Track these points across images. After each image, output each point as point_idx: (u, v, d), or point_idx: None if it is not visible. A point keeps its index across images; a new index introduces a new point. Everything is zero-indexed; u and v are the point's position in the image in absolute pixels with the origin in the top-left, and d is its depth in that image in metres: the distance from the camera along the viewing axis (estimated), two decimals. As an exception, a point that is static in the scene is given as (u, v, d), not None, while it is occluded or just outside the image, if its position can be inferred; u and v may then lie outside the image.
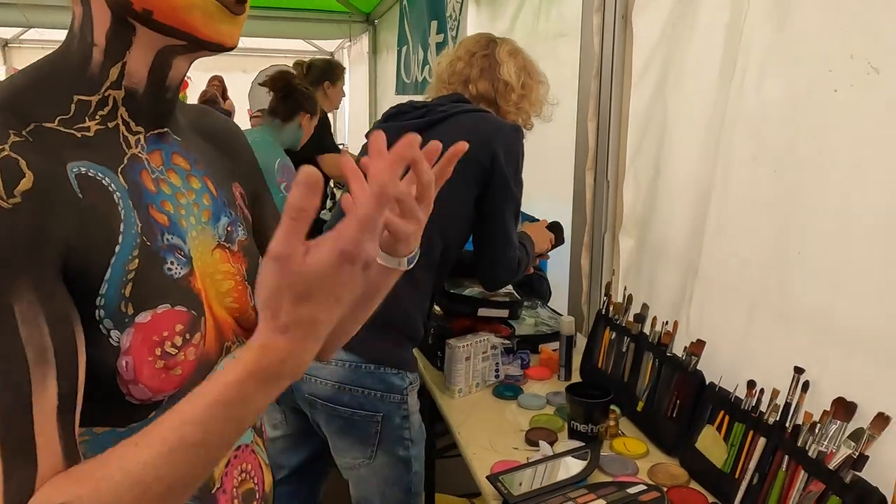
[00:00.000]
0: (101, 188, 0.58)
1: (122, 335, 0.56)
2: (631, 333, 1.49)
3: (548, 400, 1.54)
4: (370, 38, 6.18)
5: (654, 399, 1.38)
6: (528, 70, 1.59)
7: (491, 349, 1.59)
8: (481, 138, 1.41)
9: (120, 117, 0.61)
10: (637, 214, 1.82)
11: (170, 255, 0.62)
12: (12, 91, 0.57)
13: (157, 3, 0.56)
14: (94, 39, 0.59)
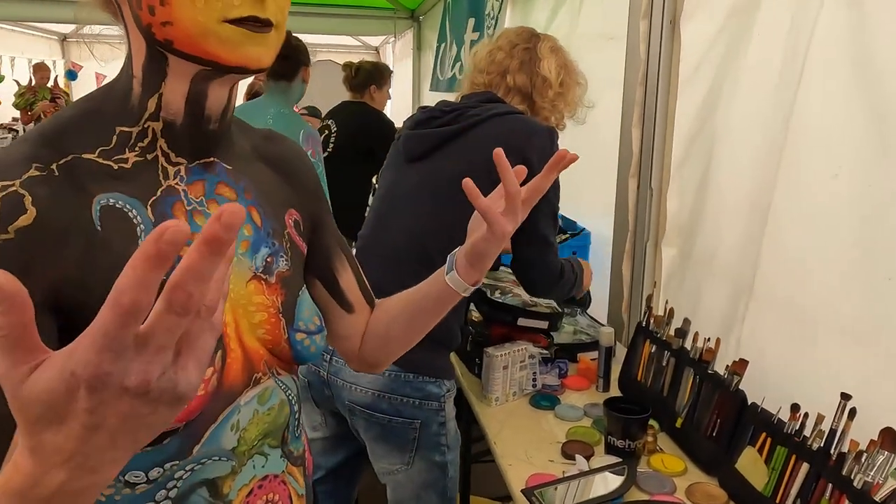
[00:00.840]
0: (126, 220, 0.59)
1: None
2: (672, 348, 1.47)
3: (585, 412, 1.53)
4: (415, 34, 6.20)
5: (693, 416, 1.36)
6: (568, 69, 1.57)
7: (529, 358, 1.59)
8: (514, 143, 1.38)
9: (160, 148, 0.62)
10: (681, 224, 1.80)
11: None
12: (59, 123, 0.60)
13: (174, 32, 0.56)
14: (134, 71, 0.61)
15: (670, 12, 1.78)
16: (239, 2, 0.56)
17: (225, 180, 0.68)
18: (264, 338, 0.69)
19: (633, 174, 1.95)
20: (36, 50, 9.65)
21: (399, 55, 7.36)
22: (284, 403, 0.72)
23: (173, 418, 0.38)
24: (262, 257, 0.69)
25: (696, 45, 1.71)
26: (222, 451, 0.65)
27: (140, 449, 0.39)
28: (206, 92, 0.61)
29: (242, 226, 0.65)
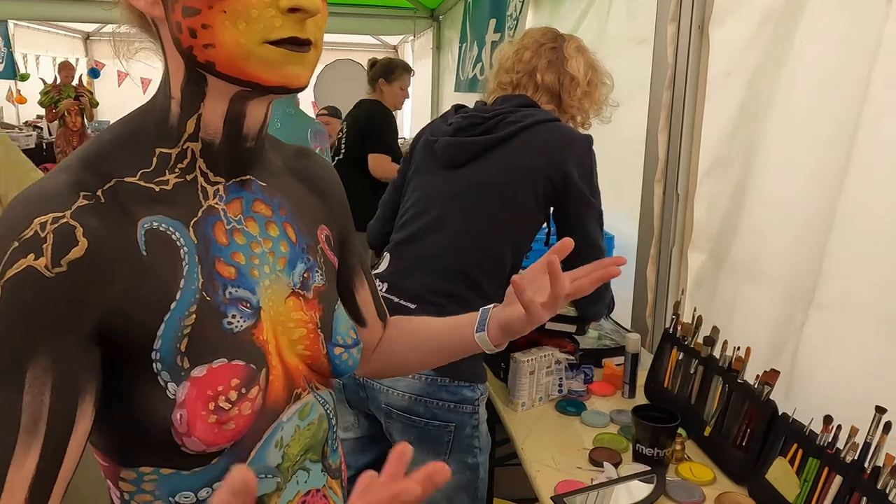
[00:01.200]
0: (169, 243, 0.59)
1: (178, 388, 0.57)
2: (700, 356, 1.46)
3: (611, 418, 1.53)
4: (434, 33, 6.20)
5: (722, 425, 1.36)
6: (595, 68, 1.57)
7: (555, 364, 1.60)
8: (554, 155, 1.42)
9: (198, 169, 0.62)
10: (712, 230, 1.78)
11: (232, 308, 0.62)
12: (98, 148, 0.60)
13: (216, 55, 0.56)
14: (172, 93, 0.61)
15: (699, 17, 1.77)
16: (280, 23, 0.55)
17: (261, 197, 0.68)
18: (303, 353, 0.69)
19: (658, 179, 1.94)
20: (60, 48, 9.78)
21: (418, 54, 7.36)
22: (323, 418, 0.73)
23: None
24: (299, 273, 0.70)
25: (726, 50, 1.70)
26: (268, 468, 0.66)
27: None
28: (244, 111, 0.61)
29: (279, 242, 0.68)
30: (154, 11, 0.58)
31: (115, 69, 10.54)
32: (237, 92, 0.59)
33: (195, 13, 0.55)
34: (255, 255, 0.65)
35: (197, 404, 0.57)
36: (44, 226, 0.52)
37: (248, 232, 0.65)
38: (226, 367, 0.60)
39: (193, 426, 0.57)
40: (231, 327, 0.62)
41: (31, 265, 0.51)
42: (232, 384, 0.59)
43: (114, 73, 10.52)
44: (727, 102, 1.73)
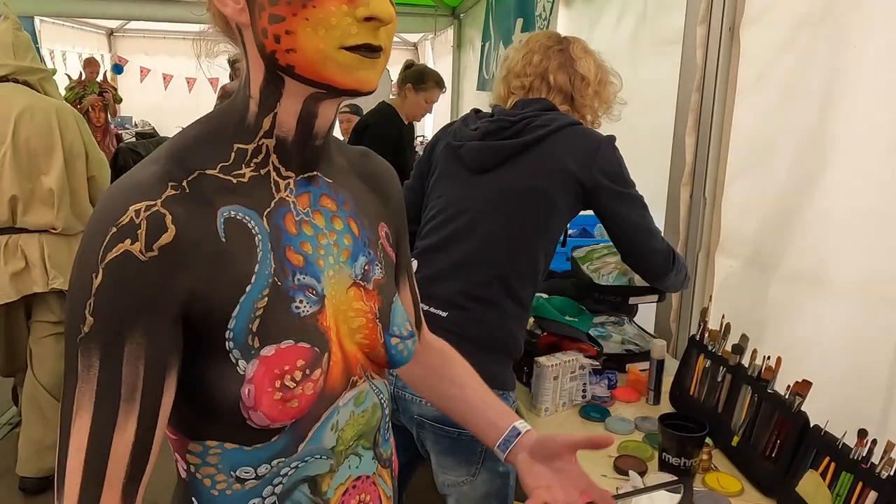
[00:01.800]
0: (246, 231, 0.64)
1: (247, 365, 0.61)
2: (728, 364, 1.44)
3: (636, 425, 1.52)
4: (455, 31, 6.19)
5: (751, 435, 1.34)
6: (602, 68, 1.58)
7: (580, 369, 1.58)
8: (582, 158, 1.42)
9: (272, 164, 0.67)
10: (744, 234, 1.75)
11: (300, 294, 0.66)
12: (183, 141, 0.65)
13: (297, 59, 0.61)
14: (251, 92, 0.65)
15: (729, 18, 1.74)
16: (356, 31, 0.60)
17: (327, 192, 0.72)
18: (362, 342, 0.72)
19: (685, 182, 1.92)
20: (85, 44, 9.88)
21: (438, 52, 7.36)
22: (377, 406, 0.75)
23: None
24: (361, 265, 0.74)
25: (758, 53, 1.67)
26: (323, 449, 0.69)
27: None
28: (316, 111, 0.66)
29: (343, 235, 0.72)
30: (240, 18, 0.63)
31: (138, 65, 10.68)
32: (311, 93, 0.64)
33: (280, 20, 0.60)
34: (321, 245, 0.70)
35: (264, 381, 0.61)
36: (138, 213, 0.57)
37: (315, 224, 0.70)
38: (292, 348, 0.63)
39: (260, 401, 0.61)
40: (298, 311, 0.66)
41: (128, 249, 0.56)
42: (297, 364, 0.63)
43: (137, 68, 10.66)
44: (758, 105, 1.70)
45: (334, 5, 0.59)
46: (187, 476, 0.67)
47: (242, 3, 0.62)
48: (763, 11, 1.67)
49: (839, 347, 1.42)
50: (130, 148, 3.08)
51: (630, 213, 1.46)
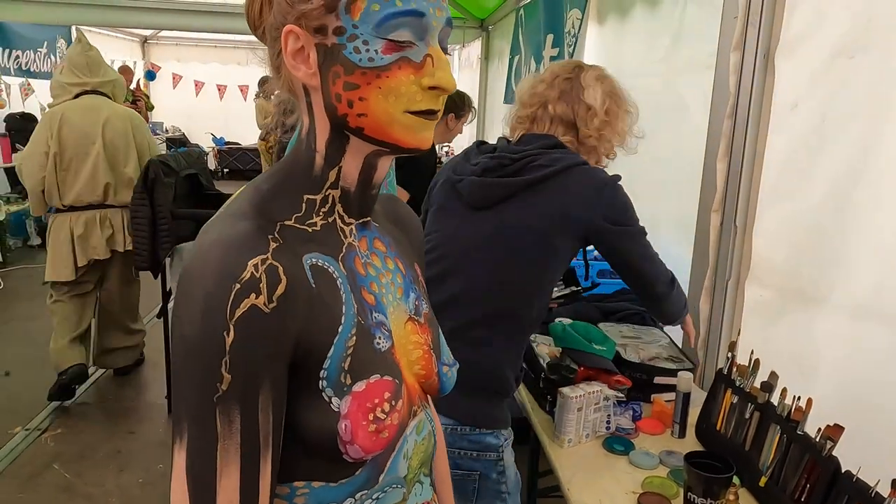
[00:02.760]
0: (328, 276, 0.68)
1: (341, 402, 0.65)
2: (756, 401, 1.41)
3: (661, 460, 1.49)
4: (483, 44, 6.19)
5: (779, 476, 1.30)
6: (615, 97, 1.51)
7: (604, 400, 1.56)
8: (585, 202, 1.39)
9: (337, 212, 0.71)
10: (777, 264, 1.71)
11: (378, 331, 0.71)
12: (261, 196, 0.68)
13: (367, 122, 0.66)
14: (317, 147, 0.69)
15: (764, 45, 1.71)
16: (420, 98, 0.65)
17: (378, 236, 0.77)
18: (419, 373, 0.77)
19: (716, 208, 1.89)
20: (119, 51, 10.10)
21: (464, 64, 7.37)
22: (431, 434, 0.79)
23: None
24: (412, 301, 0.79)
25: (793, 80, 1.64)
26: (398, 478, 0.73)
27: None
28: (376, 165, 0.71)
29: (396, 274, 0.78)
30: (312, 82, 0.67)
31: (171, 71, 10.88)
32: (373, 151, 0.69)
33: (355, 87, 0.65)
34: (383, 284, 0.75)
35: (358, 415, 0.64)
36: (257, 267, 0.60)
37: (375, 265, 0.75)
38: (380, 382, 0.67)
39: (356, 434, 0.64)
40: (379, 347, 0.70)
41: (254, 304, 0.59)
42: (385, 397, 0.67)
43: (169, 75, 10.87)
44: (793, 133, 1.67)
45: (404, 75, 0.64)
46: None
47: (315, 68, 0.66)
48: (799, 39, 1.64)
49: (875, 387, 1.38)
50: (161, 161, 3.11)
51: (633, 248, 1.44)
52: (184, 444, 0.59)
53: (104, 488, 2.70)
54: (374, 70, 0.63)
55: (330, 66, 0.65)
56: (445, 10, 0.67)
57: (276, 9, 0.67)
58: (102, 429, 3.16)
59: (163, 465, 2.87)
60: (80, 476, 2.77)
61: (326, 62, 0.65)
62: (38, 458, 2.88)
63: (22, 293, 4.76)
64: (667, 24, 2.52)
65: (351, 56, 0.64)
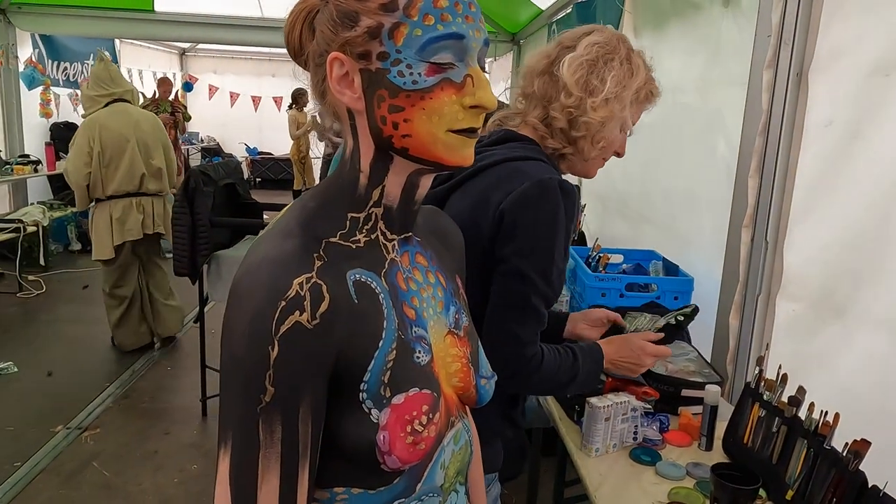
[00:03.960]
0: (370, 291, 0.70)
1: (380, 413, 0.67)
2: (783, 415, 1.42)
3: (688, 471, 1.50)
4: (514, 57, 6.24)
5: (806, 491, 1.31)
6: (598, 68, 1.19)
7: (631, 411, 1.58)
8: (498, 196, 1.15)
9: (379, 229, 0.73)
10: (809, 279, 1.72)
11: (417, 345, 0.73)
12: (307, 213, 0.71)
13: (411, 142, 0.68)
14: (361, 167, 0.72)
15: (797, 64, 1.73)
16: (462, 117, 0.68)
17: (419, 251, 0.79)
18: (457, 385, 0.79)
19: (746, 224, 1.90)
20: (159, 63, 10.37)
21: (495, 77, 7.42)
22: (468, 444, 0.81)
23: None
24: (452, 315, 0.80)
25: (827, 99, 1.66)
26: (435, 487, 0.75)
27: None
28: (418, 183, 0.73)
29: (437, 288, 0.80)
30: (357, 105, 0.69)
31: (207, 83, 11.14)
32: (415, 169, 0.71)
33: (400, 110, 0.67)
34: (423, 299, 0.77)
35: (396, 427, 0.67)
36: (302, 286, 0.63)
37: (416, 279, 0.77)
38: (418, 395, 0.70)
39: (394, 446, 0.67)
40: (419, 361, 0.72)
41: (298, 321, 0.62)
42: (423, 410, 0.69)
43: (206, 86, 11.13)
44: (826, 150, 1.68)
45: (446, 96, 0.66)
46: None
47: (359, 93, 0.68)
48: (834, 57, 1.65)
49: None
50: (201, 171, 3.21)
51: (502, 290, 1.14)
52: (228, 451, 0.63)
53: (141, 487, 2.77)
54: (418, 92, 0.66)
55: (375, 90, 0.67)
56: (483, 32, 0.69)
57: (320, 37, 0.69)
58: (139, 429, 3.25)
59: (197, 465, 2.95)
60: (118, 474, 2.85)
61: (371, 86, 0.67)
62: (79, 457, 2.97)
63: (63, 296, 4.92)
64: (703, 40, 2.54)
65: (395, 80, 0.66)
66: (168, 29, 6.55)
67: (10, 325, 4.63)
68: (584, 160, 1.28)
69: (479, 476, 0.98)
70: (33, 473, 2.83)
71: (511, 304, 1.14)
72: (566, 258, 1.17)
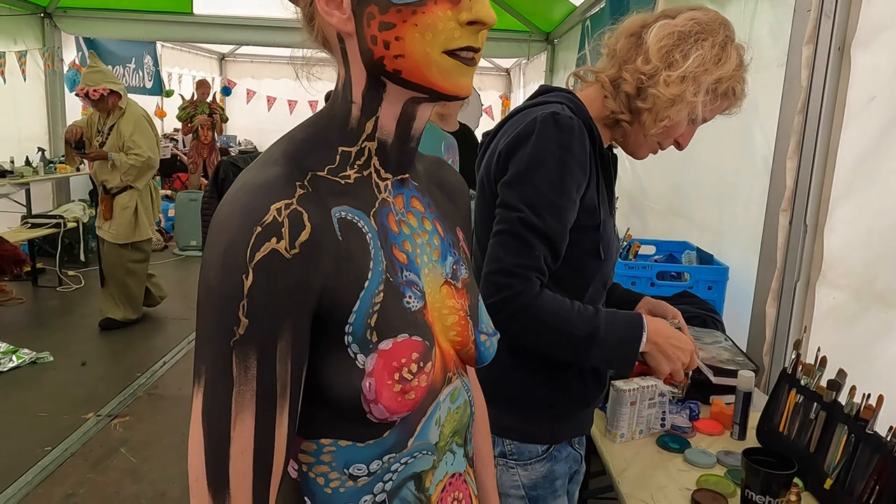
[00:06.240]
0: (357, 230, 0.66)
1: (366, 359, 0.63)
2: (822, 401, 1.34)
3: (718, 459, 1.43)
4: (548, 56, 6.20)
5: (846, 479, 1.23)
6: (692, 45, 1.11)
7: (659, 396, 1.51)
8: (509, 134, 1.14)
9: (373, 166, 0.69)
10: (852, 265, 1.63)
11: (408, 289, 0.68)
12: (295, 144, 0.67)
13: (404, 63, 0.63)
14: (353, 98, 0.67)
15: (839, 38, 1.65)
16: (458, 34, 0.63)
17: (416, 195, 0.75)
18: (454, 339, 0.74)
19: (784, 208, 1.82)
20: (199, 67, 10.59)
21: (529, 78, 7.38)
22: (467, 404, 0.76)
23: None
24: (450, 265, 0.76)
25: (870, 73, 1.57)
26: (429, 445, 0.71)
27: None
28: (414, 114, 0.68)
29: (433, 235, 0.75)
30: (346, 27, 0.65)
31: (245, 87, 11.33)
32: (411, 97, 0.66)
33: (391, 27, 0.62)
34: (417, 245, 0.72)
35: (384, 374, 0.63)
36: (280, 211, 0.58)
37: (410, 224, 0.72)
38: (408, 341, 0.65)
39: (380, 394, 0.62)
40: (409, 306, 0.68)
41: (275, 248, 0.57)
42: (413, 357, 0.65)
43: (244, 91, 11.32)
44: (868, 128, 1.60)
45: (441, 10, 0.62)
46: (298, 476, 0.68)
47: (349, 13, 0.64)
48: (878, 30, 1.57)
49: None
50: (231, 162, 3.26)
51: (500, 213, 1.10)
52: (201, 388, 0.58)
53: (166, 474, 2.79)
54: (409, 6, 0.61)
55: (364, 7, 0.63)
56: None
57: None
58: (168, 418, 3.28)
59: (222, 454, 2.95)
60: (144, 461, 2.87)
61: (360, 4, 0.63)
62: (107, 443, 3.01)
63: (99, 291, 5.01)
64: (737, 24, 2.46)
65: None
66: (206, 31, 6.69)
67: (49, 318, 4.74)
68: (642, 135, 1.18)
69: (487, 451, 0.94)
70: (63, 457, 2.87)
71: (498, 231, 1.09)
72: (566, 193, 1.08)
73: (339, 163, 0.67)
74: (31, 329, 4.46)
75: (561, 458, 1.24)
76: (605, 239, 1.17)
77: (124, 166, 4.21)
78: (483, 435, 0.94)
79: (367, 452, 0.66)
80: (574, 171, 1.08)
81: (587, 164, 1.11)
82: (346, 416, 0.64)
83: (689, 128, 1.19)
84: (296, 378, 0.60)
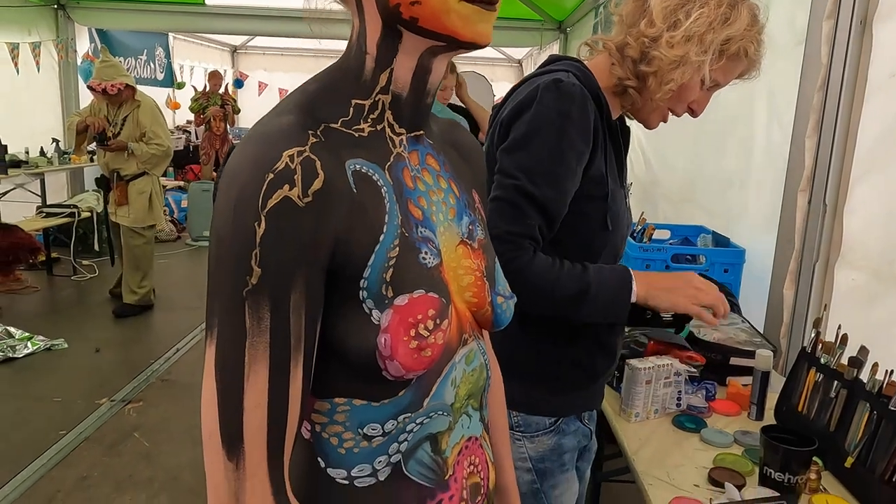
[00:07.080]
0: (372, 183, 0.64)
1: (381, 315, 0.61)
2: (843, 378, 1.31)
3: (735, 438, 1.41)
4: (561, 45, 6.15)
5: (867, 457, 1.21)
6: (696, 4, 1.07)
7: (675, 375, 1.49)
8: (512, 100, 1.13)
9: (386, 120, 0.67)
10: (870, 245, 1.60)
11: (424, 245, 0.67)
12: (307, 96, 0.65)
13: (421, 11, 0.60)
14: (367, 48, 0.65)
15: (861, 11, 1.61)
16: None
17: (431, 152, 0.72)
18: (470, 300, 0.72)
19: (803, 188, 1.79)
20: (211, 60, 10.61)
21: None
22: (483, 367, 0.75)
23: None
24: (465, 225, 0.74)
25: (893, 49, 1.54)
26: (444, 405, 0.69)
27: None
28: (430, 67, 0.66)
29: (448, 194, 0.73)
30: None
31: (257, 80, 11.35)
32: (429, 47, 0.64)
33: None
34: (433, 202, 0.70)
35: (399, 330, 0.61)
36: (292, 158, 0.56)
37: (426, 181, 0.70)
38: (424, 297, 0.63)
39: (396, 350, 0.60)
40: (425, 262, 0.66)
41: (287, 195, 0.55)
42: (429, 314, 0.63)
43: (256, 83, 11.34)
44: (890, 105, 1.56)
45: None
46: (311, 436, 0.66)
47: None
48: (899, 2, 1.54)
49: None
50: (242, 148, 3.26)
51: (498, 178, 1.09)
52: (213, 340, 0.57)
53: (178, 460, 2.80)
54: None
55: None
56: None
57: None
58: (181, 404, 3.29)
59: (234, 439, 2.96)
60: (157, 446, 2.89)
61: None
62: (121, 428, 3.03)
63: (112, 280, 5.03)
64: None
65: None
66: (219, 22, 6.69)
67: (64, 306, 4.78)
68: (651, 102, 1.15)
69: (503, 423, 0.92)
70: (77, 441, 2.89)
71: (494, 197, 1.08)
72: (564, 161, 1.06)
73: (352, 115, 0.65)
74: (46, 316, 4.49)
75: (569, 431, 1.22)
76: (614, 210, 1.15)
77: (145, 155, 4.32)
78: (499, 405, 0.92)
79: (381, 412, 0.65)
80: (573, 140, 1.06)
81: (589, 132, 1.08)
82: (361, 375, 0.62)
83: (703, 93, 1.15)
84: (310, 331, 0.59)
